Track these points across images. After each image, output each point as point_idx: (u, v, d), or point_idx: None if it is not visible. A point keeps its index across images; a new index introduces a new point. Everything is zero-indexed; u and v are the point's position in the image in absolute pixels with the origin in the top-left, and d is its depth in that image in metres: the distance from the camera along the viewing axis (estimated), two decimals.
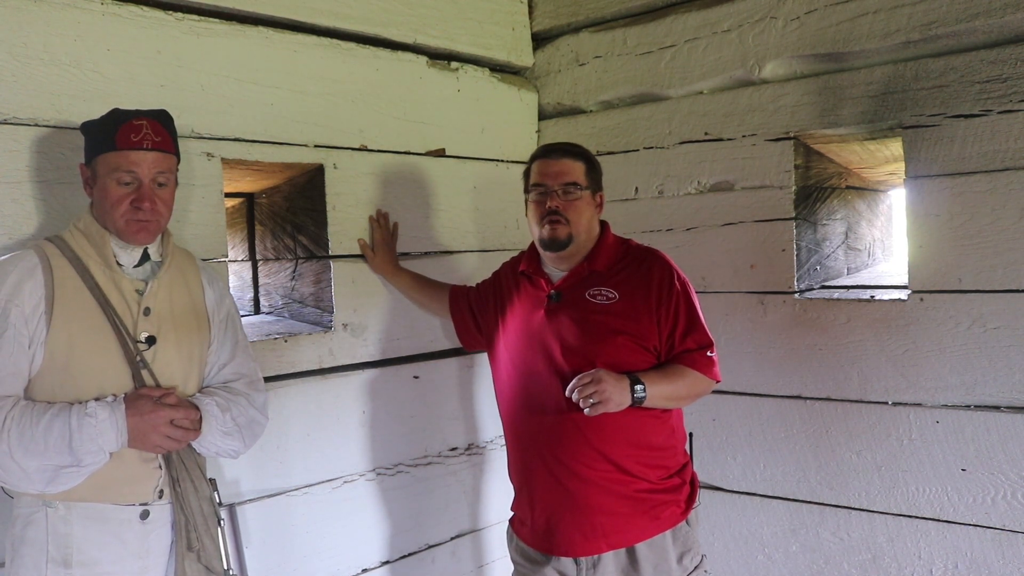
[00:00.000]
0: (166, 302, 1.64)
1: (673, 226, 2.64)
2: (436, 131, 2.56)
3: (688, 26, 2.56)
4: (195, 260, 1.79)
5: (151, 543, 1.57)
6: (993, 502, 2.10)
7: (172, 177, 1.63)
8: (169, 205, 1.64)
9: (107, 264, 1.57)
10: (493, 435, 2.70)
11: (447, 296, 2.35)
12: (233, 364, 1.76)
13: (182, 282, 1.70)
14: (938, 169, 2.13)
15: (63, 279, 1.53)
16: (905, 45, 2.15)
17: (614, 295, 1.93)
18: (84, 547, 1.49)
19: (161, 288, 1.64)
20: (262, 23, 2.13)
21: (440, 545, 2.53)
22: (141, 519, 1.55)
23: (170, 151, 1.61)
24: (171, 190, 1.64)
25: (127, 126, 1.56)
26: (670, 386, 1.88)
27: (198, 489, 1.62)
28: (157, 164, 1.58)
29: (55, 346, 1.50)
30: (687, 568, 1.94)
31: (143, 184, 1.56)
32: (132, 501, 1.55)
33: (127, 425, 1.48)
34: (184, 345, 1.65)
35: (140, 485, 1.56)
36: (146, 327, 1.59)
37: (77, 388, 1.51)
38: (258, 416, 1.75)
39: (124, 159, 1.55)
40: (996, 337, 2.07)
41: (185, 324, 1.67)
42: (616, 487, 1.89)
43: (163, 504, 1.59)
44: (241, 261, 2.84)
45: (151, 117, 1.60)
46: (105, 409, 1.48)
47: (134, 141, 1.55)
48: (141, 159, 1.55)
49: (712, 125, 2.54)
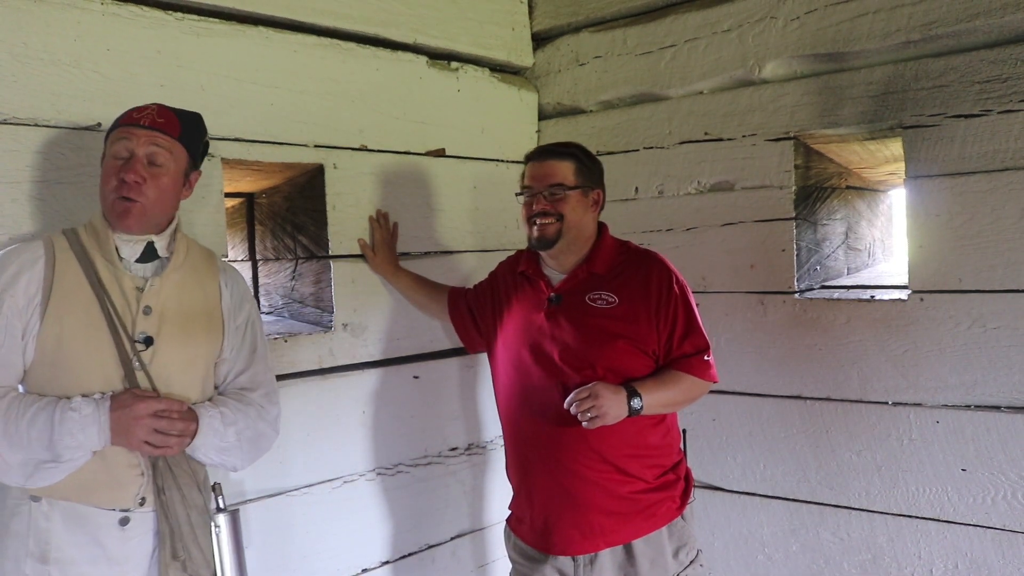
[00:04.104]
0: (173, 301, 1.58)
1: (673, 226, 2.64)
2: (436, 131, 2.56)
3: (688, 26, 2.56)
4: (215, 260, 1.73)
5: (130, 550, 1.52)
6: (993, 502, 2.10)
7: (171, 161, 1.56)
8: (165, 191, 1.55)
9: (109, 259, 1.53)
10: (493, 435, 2.70)
11: (446, 298, 2.35)
12: (250, 372, 1.71)
13: (196, 282, 1.64)
14: (938, 169, 2.13)
15: (64, 272, 1.49)
16: (905, 45, 2.15)
17: (614, 299, 1.93)
18: (62, 545, 1.47)
19: (167, 287, 1.58)
20: (262, 23, 2.13)
21: (440, 545, 2.53)
22: (120, 525, 1.51)
23: (171, 134, 1.55)
24: (170, 176, 1.56)
25: (137, 107, 1.57)
26: (667, 393, 1.90)
27: (186, 497, 1.55)
28: (152, 140, 1.53)
29: (46, 339, 1.46)
30: (683, 562, 1.96)
31: (133, 156, 1.51)
32: (112, 506, 1.51)
33: (110, 420, 1.44)
34: (188, 348, 1.59)
35: (121, 490, 1.51)
36: (145, 326, 1.53)
37: (66, 383, 1.47)
38: (267, 431, 1.70)
39: (122, 133, 1.53)
40: (996, 337, 2.07)
41: (192, 326, 1.61)
42: (614, 487, 1.91)
43: (145, 512, 1.54)
44: (241, 261, 2.84)
45: (167, 106, 1.58)
46: (90, 405, 1.44)
47: (135, 117, 1.54)
48: (136, 133, 1.52)
49: (712, 125, 2.54)
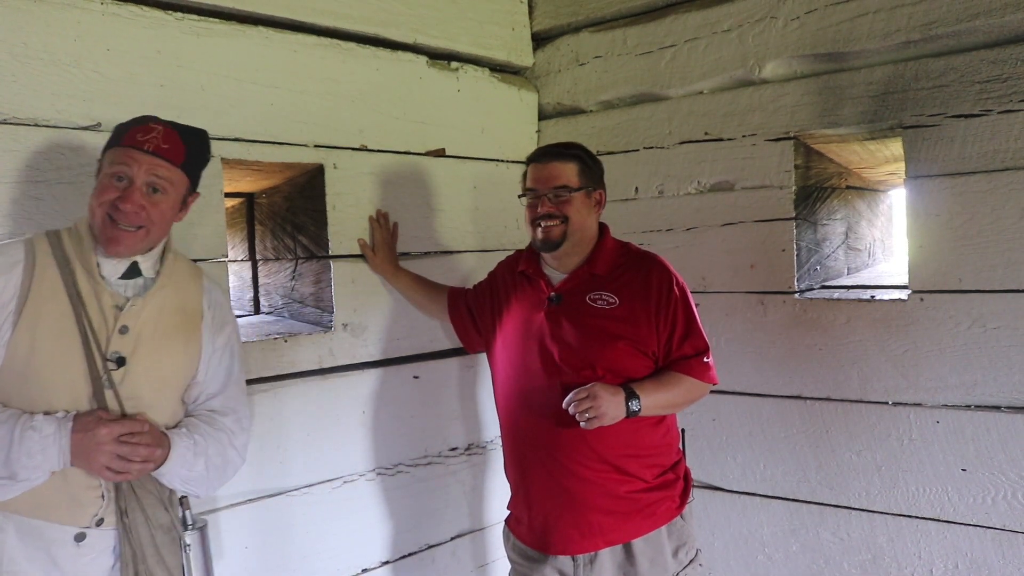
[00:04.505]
0: (152, 322, 1.54)
1: (673, 226, 2.64)
2: (436, 131, 2.56)
3: (688, 26, 2.55)
4: (201, 279, 1.69)
5: (85, 566, 1.47)
6: (993, 502, 2.10)
7: (172, 189, 1.53)
8: (165, 217, 1.53)
9: (89, 271, 1.49)
10: (493, 435, 2.70)
11: (446, 298, 2.35)
12: (222, 397, 1.67)
13: (178, 303, 1.60)
14: (938, 169, 2.13)
15: (42, 279, 1.45)
16: (905, 45, 2.15)
17: (614, 300, 1.94)
18: (16, 558, 1.43)
19: (148, 307, 1.53)
20: (262, 23, 2.13)
21: (440, 545, 2.53)
22: (75, 541, 1.46)
23: (175, 162, 1.52)
24: (170, 203, 1.53)
25: (142, 127, 1.51)
26: (666, 395, 1.90)
27: (150, 519, 1.50)
28: (154, 168, 1.49)
29: (17, 346, 1.42)
30: (682, 562, 1.96)
31: (132, 184, 1.47)
32: (68, 523, 1.46)
33: (71, 442, 1.38)
34: (161, 370, 1.55)
35: (79, 510, 1.47)
36: (119, 346, 1.49)
37: (33, 394, 1.43)
38: (235, 458, 1.66)
39: (123, 155, 1.48)
40: (996, 337, 2.07)
41: (169, 349, 1.56)
42: (613, 487, 1.91)
43: (103, 530, 1.48)
44: (241, 261, 2.84)
45: (173, 127, 1.53)
46: (51, 424, 1.38)
47: (139, 140, 1.49)
48: (138, 158, 1.47)
49: (712, 125, 2.54)
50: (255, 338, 2.16)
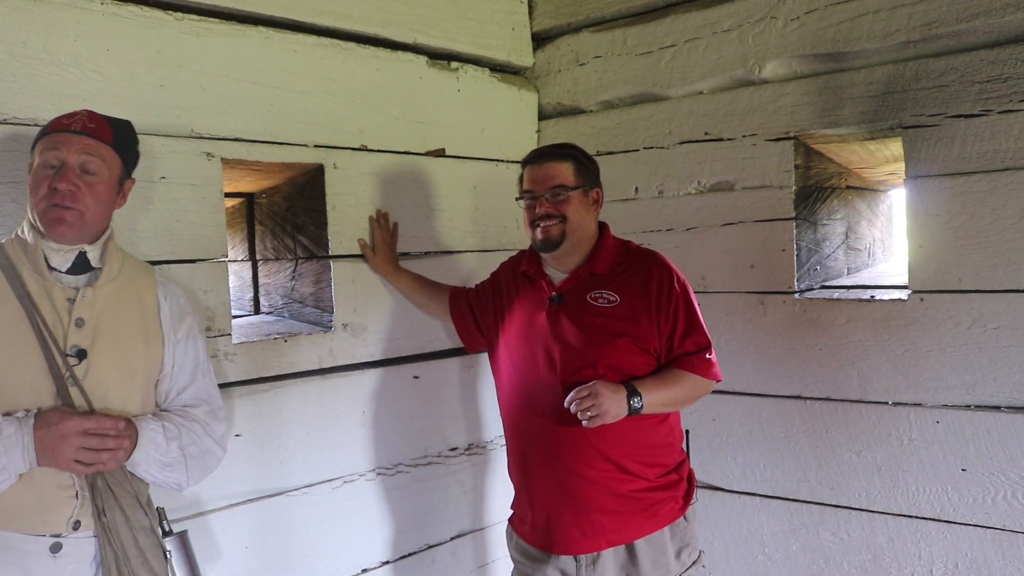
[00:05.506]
0: (108, 313, 1.51)
1: (673, 226, 2.64)
2: (436, 131, 2.56)
3: (688, 26, 2.55)
4: (153, 273, 1.66)
5: None
6: (993, 502, 2.10)
7: (105, 169, 1.50)
8: (100, 199, 1.49)
9: (38, 270, 1.46)
10: (494, 435, 2.70)
11: (447, 297, 2.35)
12: (193, 388, 1.64)
13: (133, 294, 1.57)
14: (938, 169, 2.13)
15: None
16: (905, 45, 2.15)
17: (615, 298, 1.94)
18: None
19: (101, 298, 1.51)
20: (262, 23, 2.13)
21: (440, 545, 2.53)
22: (51, 552, 1.39)
23: (103, 139, 1.50)
24: (104, 184, 1.50)
25: (66, 114, 1.51)
26: (668, 392, 1.90)
27: (130, 519, 1.45)
28: (85, 148, 1.47)
29: None
30: (685, 563, 1.96)
31: (65, 165, 1.45)
32: (42, 531, 1.39)
33: (34, 440, 1.34)
34: (124, 361, 1.51)
35: (52, 514, 1.40)
36: (77, 339, 1.45)
37: None
38: (214, 447, 1.62)
39: (51, 140, 1.47)
40: (996, 337, 2.07)
41: (130, 339, 1.53)
42: (616, 486, 1.91)
43: (80, 537, 1.42)
44: (241, 261, 2.84)
45: (97, 113, 1.52)
46: (11, 424, 1.34)
47: (64, 123, 1.48)
48: (67, 140, 1.46)
49: (712, 125, 2.54)
50: (255, 338, 2.16)
